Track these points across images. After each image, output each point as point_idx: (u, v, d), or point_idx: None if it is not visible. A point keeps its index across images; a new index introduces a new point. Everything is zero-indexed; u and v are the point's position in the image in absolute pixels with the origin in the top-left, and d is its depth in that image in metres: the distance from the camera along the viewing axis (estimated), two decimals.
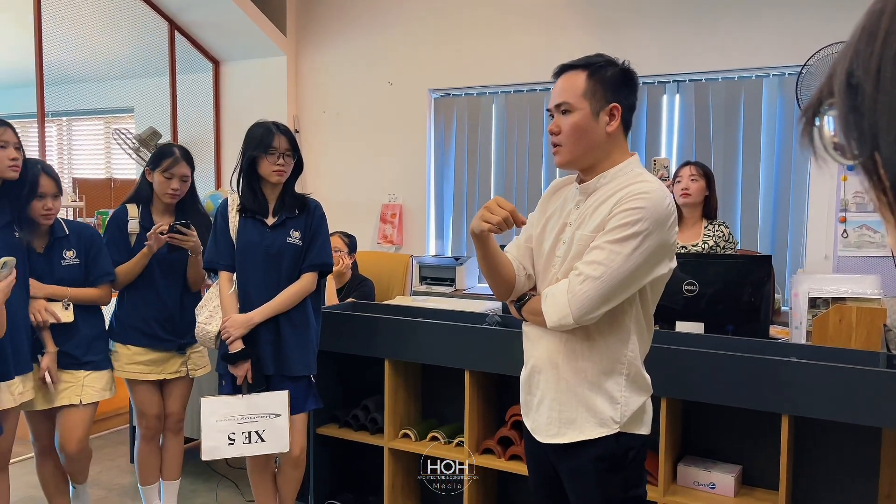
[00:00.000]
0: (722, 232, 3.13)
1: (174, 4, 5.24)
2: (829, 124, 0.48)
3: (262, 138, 2.44)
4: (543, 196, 1.80)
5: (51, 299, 2.53)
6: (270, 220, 2.51)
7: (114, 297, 2.80)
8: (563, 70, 1.64)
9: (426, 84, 5.09)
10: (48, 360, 2.51)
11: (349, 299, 3.40)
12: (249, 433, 2.44)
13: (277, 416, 2.44)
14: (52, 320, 2.49)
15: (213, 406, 2.46)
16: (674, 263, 1.63)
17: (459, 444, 2.71)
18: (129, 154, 5.45)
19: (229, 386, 2.48)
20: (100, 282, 2.64)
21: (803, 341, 2.63)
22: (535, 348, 1.71)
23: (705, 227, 3.15)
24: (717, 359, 2.18)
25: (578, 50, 1.78)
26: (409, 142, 5.16)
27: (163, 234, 2.61)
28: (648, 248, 1.53)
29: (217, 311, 2.53)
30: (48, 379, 2.49)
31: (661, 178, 3.09)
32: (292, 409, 2.49)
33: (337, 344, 2.83)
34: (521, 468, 2.54)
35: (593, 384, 1.62)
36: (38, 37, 4.78)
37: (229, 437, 2.44)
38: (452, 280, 4.70)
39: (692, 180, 3.12)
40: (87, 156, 6.42)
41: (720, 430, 2.43)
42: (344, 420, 2.95)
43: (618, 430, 1.62)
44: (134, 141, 5.38)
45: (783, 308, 3.78)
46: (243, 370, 2.44)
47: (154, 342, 2.73)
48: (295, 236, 2.50)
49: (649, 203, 1.52)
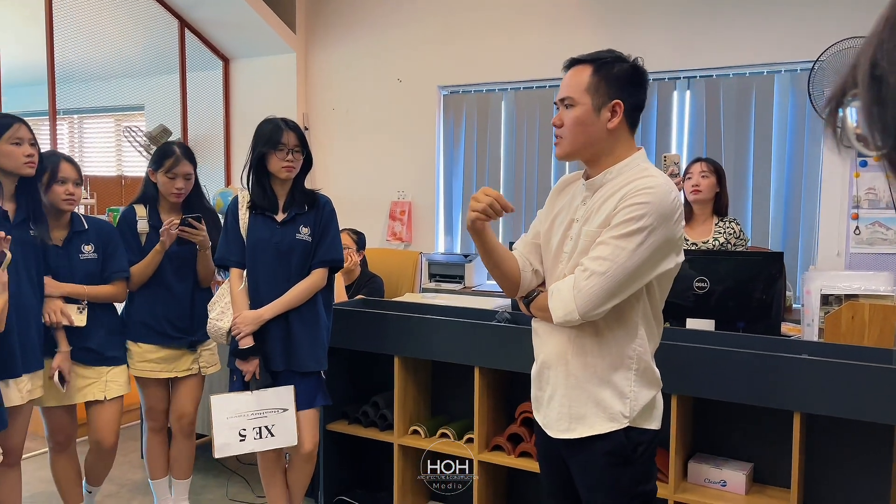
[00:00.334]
0: (733, 229, 3.11)
1: (184, 2, 5.26)
2: (851, 116, 0.47)
3: (270, 135, 2.45)
4: (551, 193, 1.81)
5: (67, 298, 2.53)
6: (280, 217, 2.51)
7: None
8: (572, 64, 1.65)
9: (435, 81, 5.09)
10: (60, 358, 2.51)
11: (358, 296, 3.40)
12: (259, 428, 2.46)
13: (285, 410, 2.46)
14: (65, 322, 2.49)
15: (224, 403, 2.47)
16: (681, 258, 1.63)
17: (469, 441, 2.71)
18: (139, 152, 5.48)
19: (240, 382, 2.49)
20: (115, 278, 2.65)
21: (815, 338, 2.61)
22: (545, 344, 1.71)
23: (716, 224, 3.13)
24: (729, 356, 2.17)
25: (588, 46, 1.77)
26: (418, 139, 5.16)
27: (176, 230, 2.62)
28: (654, 243, 1.53)
29: (228, 308, 2.54)
30: (56, 379, 2.49)
31: (671, 174, 3.07)
32: (302, 405, 2.50)
33: (346, 340, 2.83)
34: (530, 465, 2.54)
35: (602, 379, 1.63)
36: (50, 35, 4.81)
37: (240, 434, 2.45)
38: (462, 277, 4.70)
39: (703, 177, 3.10)
40: (98, 153, 6.46)
41: (731, 428, 2.42)
42: (354, 416, 2.96)
43: (627, 424, 1.62)
44: (144, 138, 5.40)
45: (794, 305, 3.76)
46: (252, 366, 2.46)
47: (165, 340, 2.75)
48: (304, 232, 2.51)
49: (654, 198, 1.52)
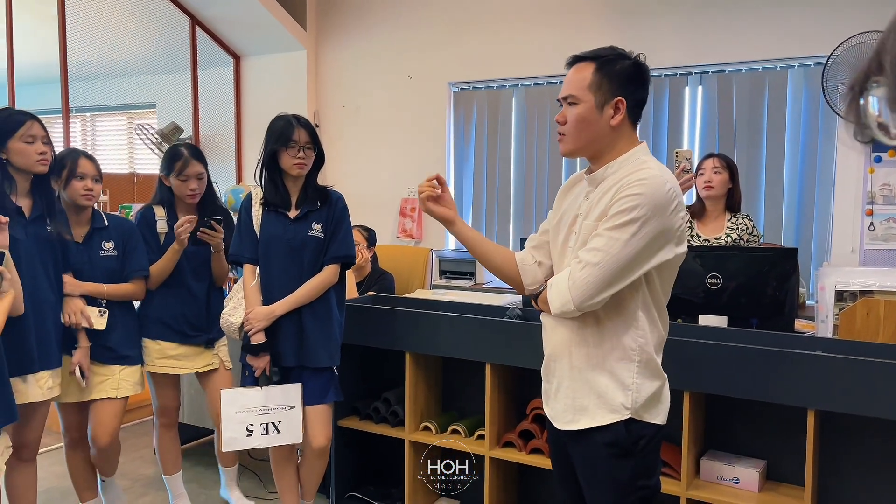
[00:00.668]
0: (745, 225, 3.09)
1: (196, 0, 5.28)
2: (873, 104, 0.47)
3: (282, 131, 2.46)
4: (560, 191, 1.85)
5: (89, 299, 2.54)
6: (293, 213, 2.52)
7: None
8: (574, 61, 1.67)
9: (446, 77, 5.08)
10: (80, 354, 2.52)
11: (369, 293, 3.41)
12: (266, 425, 2.47)
13: (292, 407, 2.48)
14: (84, 324, 2.49)
15: (233, 397, 2.49)
16: (682, 249, 1.63)
17: (480, 438, 2.71)
18: (151, 149, 5.51)
19: (251, 377, 2.50)
20: (134, 276, 2.66)
21: (830, 335, 2.59)
22: (551, 337, 1.74)
23: (728, 220, 3.11)
24: (741, 352, 2.16)
25: (599, 42, 1.77)
26: (428, 135, 5.15)
27: (195, 229, 2.64)
28: (648, 234, 1.54)
29: (241, 303, 2.56)
30: (77, 373, 2.51)
31: (683, 170, 3.06)
32: (314, 400, 2.51)
33: (357, 337, 2.83)
34: (541, 461, 2.53)
35: (604, 370, 1.64)
36: (63, 34, 4.84)
37: (248, 429, 2.47)
38: (472, 274, 4.69)
39: (715, 173, 3.09)
40: (111, 151, 6.50)
41: (744, 425, 2.41)
42: (365, 413, 2.96)
43: (629, 415, 1.62)
44: (156, 136, 5.43)
45: (808, 302, 3.73)
46: (263, 362, 2.47)
47: (183, 337, 2.77)
48: (317, 229, 2.51)
49: (647, 189, 1.54)
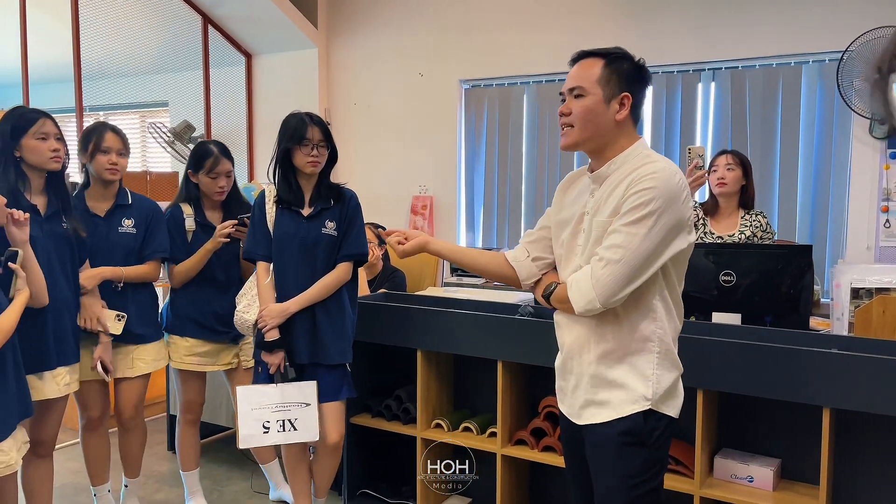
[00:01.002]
0: (759, 222, 3.07)
1: None
2: None
3: (295, 130, 2.46)
4: (559, 188, 1.86)
5: (106, 297, 2.56)
6: (306, 211, 2.52)
7: (163, 288, 2.84)
8: (581, 57, 1.70)
9: (457, 75, 5.07)
10: (101, 350, 2.54)
11: (381, 290, 3.41)
12: (283, 422, 2.48)
13: (308, 405, 2.48)
14: (99, 329, 2.52)
15: (248, 394, 2.49)
16: (693, 237, 1.66)
17: (492, 436, 2.71)
18: (163, 147, 5.54)
19: (265, 374, 2.51)
20: (152, 256, 2.68)
21: (845, 333, 2.57)
22: (567, 334, 1.75)
23: (742, 217, 3.09)
24: (756, 350, 2.14)
25: (611, 38, 1.78)
26: (439, 133, 5.15)
27: (232, 228, 2.67)
28: (664, 226, 1.57)
29: (255, 300, 2.57)
30: (99, 368, 2.53)
31: (696, 166, 3.04)
32: (327, 397, 2.52)
33: (369, 334, 2.84)
34: (553, 459, 2.53)
35: (624, 363, 1.66)
36: (76, 33, 4.87)
37: (264, 426, 2.48)
38: None
39: (728, 169, 3.07)
40: None
41: (758, 423, 2.39)
42: (377, 410, 2.97)
43: (648, 406, 1.64)
44: (168, 134, 5.46)
45: (822, 300, 3.71)
46: (277, 358, 2.47)
47: (211, 334, 2.80)
48: (330, 227, 2.52)
49: (659, 182, 1.57)
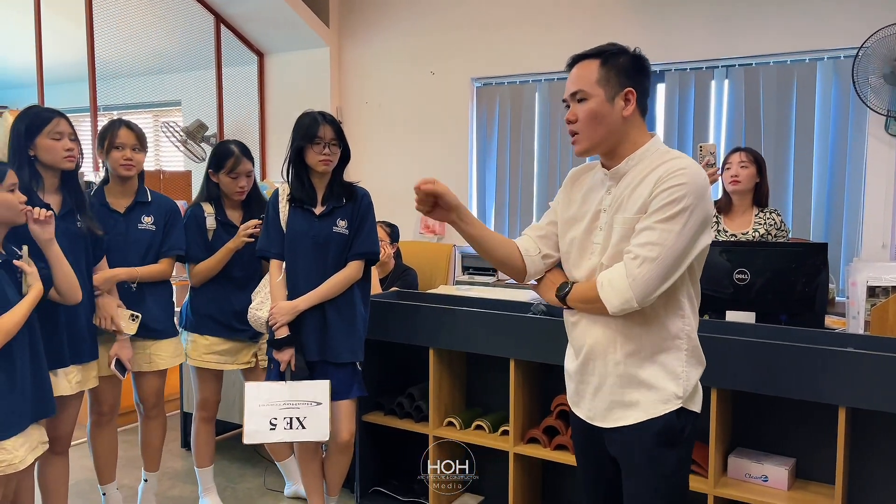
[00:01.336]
0: (773, 220, 3.05)
1: None
2: None
3: (307, 128, 2.47)
4: (564, 184, 1.81)
5: (122, 296, 2.58)
6: (318, 210, 2.53)
7: (180, 286, 2.85)
8: (576, 60, 1.66)
9: (468, 73, 5.07)
10: (117, 347, 2.56)
11: (393, 288, 3.42)
12: (290, 419, 2.47)
13: (318, 404, 2.46)
14: (113, 329, 2.53)
15: (257, 391, 2.50)
16: (712, 234, 1.65)
17: (504, 434, 2.71)
18: (176, 147, 5.57)
19: (276, 371, 2.52)
20: (168, 254, 2.70)
21: (861, 331, 2.55)
22: (588, 335, 1.69)
23: (756, 215, 3.07)
24: (770, 349, 2.13)
25: (623, 36, 1.76)
26: (451, 131, 5.15)
27: (255, 228, 2.68)
28: (696, 223, 1.55)
29: (268, 298, 2.57)
30: (113, 367, 2.54)
31: (707, 164, 3.02)
32: (337, 395, 2.52)
33: (381, 332, 2.84)
34: (566, 458, 2.52)
35: (654, 363, 1.63)
36: (90, 34, 4.91)
37: (271, 423, 2.47)
38: (495, 270, 4.68)
39: (742, 167, 3.05)
40: None
41: (773, 422, 2.37)
42: (389, 408, 2.97)
43: (680, 404, 1.62)
44: (181, 133, 5.50)
45: (838, 298, 3.67)
46: (287, 356, 2.48)
47: (231, 332, 2.80)
48: (341, 225, 2.52)
49: (689, 178, 1.55)
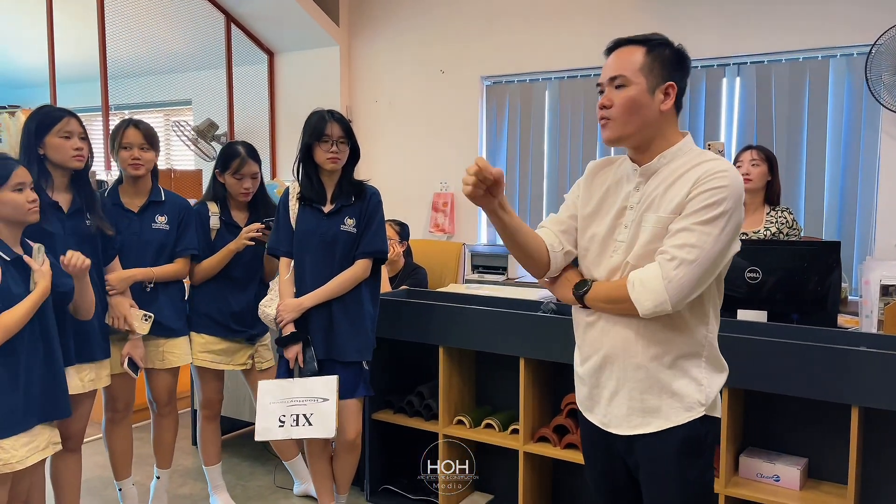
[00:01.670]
0: (785, 218, 3.03)
1: None
2: None
3: (315, 126, 2.47)
4: (585, 177, 1.73)
5: (136, 295, 2.58)
6: (327, 208, 2.53)
7: (189, 284, 2.86)
8: (619, 45, 1.59)
9: (478, 71, 5.07)
10: (129, 346, 2.57)
11: (402, 287, 3.42)
12: (297, 416, 2.46)
13: (325, 400, 2.44)
14: (126, 329, 2.54)
15: (269, 388, 2.51)
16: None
17: (514, 432, 2.70)
18: (187, 146, 5.60)
19: (285, 368, 2.53)
20: (182, 253, 2.70)
21: (874, 331, 2.53)
22: (607, 337, 1.61)
23: (767, 214, 3.05)
24: (783, 348, 2.12)
25: (634, 33, 1.73)
26: (461, 130, 5.15)
27: (258, 232, 2.68)
28: (733, 228, 1.50)
29: (277, 295, 2.58)
30: (126, 365, 2.55)
31: None
32: (343, 394, 2.51)
33: (391, 331, 2.84)
34: (576, 457, 2.51)
35: (677, 369, 1.57)
36: (102, 33, 4.94)
37: (280, 420, 2.47)
38: (504, 268, 4.68)
39: (753, 165, 3.03)
40: None
41: (785, 422, 2.36)
42: (399, 406, 2.97)
43: (703, 412, 1.57)
44: (192, 132, 5.52)
45: (850, 297, 3.64)
46: (293, 352, 2.49)
47: (227, 332, 2.81)
48: (349, 224, 2.52)
49: (729, 181, 1.49)
